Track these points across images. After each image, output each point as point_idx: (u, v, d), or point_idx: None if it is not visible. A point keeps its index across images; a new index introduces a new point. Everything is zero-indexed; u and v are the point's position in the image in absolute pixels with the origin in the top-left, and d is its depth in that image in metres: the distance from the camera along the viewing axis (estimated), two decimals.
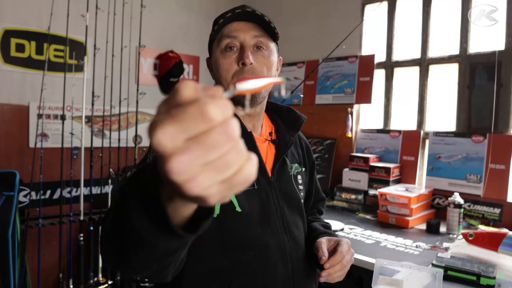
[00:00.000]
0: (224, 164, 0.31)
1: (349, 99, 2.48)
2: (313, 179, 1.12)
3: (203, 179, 0.31)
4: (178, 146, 0.30)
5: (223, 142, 0.31)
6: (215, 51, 0.91)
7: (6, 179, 1.95)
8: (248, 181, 0.33)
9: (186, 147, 0.30)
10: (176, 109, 0.31)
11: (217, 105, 0.31)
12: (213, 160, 0.31)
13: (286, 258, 0.87)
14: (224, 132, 0.31)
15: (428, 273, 1.18)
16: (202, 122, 0.30)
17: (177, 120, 0.30)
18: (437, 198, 2.06)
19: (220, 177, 0.31)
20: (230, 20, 0.89)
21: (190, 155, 0.30)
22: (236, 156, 0.32)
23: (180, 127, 0.30)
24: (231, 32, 0.88)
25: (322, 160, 2.56)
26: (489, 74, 1.95)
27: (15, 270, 1.87)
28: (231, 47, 0.88)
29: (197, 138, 0.30)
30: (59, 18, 2.11)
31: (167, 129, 0.30)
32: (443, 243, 1.60)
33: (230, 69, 0.88)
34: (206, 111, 0.30)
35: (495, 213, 1.83)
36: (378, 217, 1.96)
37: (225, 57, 0.89)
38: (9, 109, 2.27)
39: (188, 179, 0.30)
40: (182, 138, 0.30)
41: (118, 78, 2.29)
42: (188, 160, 0.30)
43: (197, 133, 0.30)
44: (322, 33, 2.69)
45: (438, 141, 2.10)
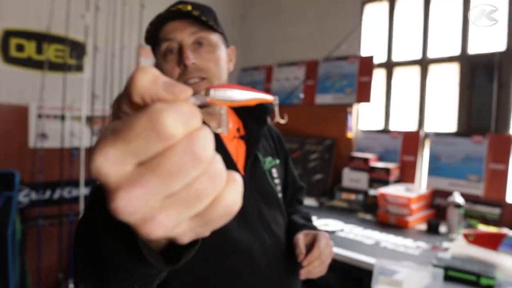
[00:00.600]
0: (194, 194, 0.23)
1: (349, 99, 2.48)
2: (288, 169, 1.09)
3: (166, 218, 0.23)
4: (127, 175, 0.22)
5: (189, 165, 0.22)
6: (157, 57, 0.86)
7: (6, 179, 1.95)
8: (232, 212, 0.25)
9: (137, 176, 0.22)
10: (121, 121, 0.23)
11: (178, 114, 0.22)
12: (178, 191, 0.23)
13: (269, 257, 0.86)
14: (190, 151, 0.22)
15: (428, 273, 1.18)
16: (157, 140, 0.21)
17: (122, 137, 0.22)
18: (437, 198, 2.06)
19: (191, 211, 0.24)
20: (164, 20, 0.83)
21: (144, 188, 0.22)
22: (209, 182, 0.23)
23: (127, 148, 0.22)
24: (167, 34, 0.83)
25: (322, 160, 2.56)
26: (489, 74, 1.95)
27: (15, 270, 1.87)
28: (171, 49, 0.83)
29: (152, 163, 0.22)
30: (59, 18, 2.11)
31: (108, 152, 0.22)
32: (443, 243, 1.60)
33: (173, 72, 0.82)
34: (159, 125, 0.21)
35: (495, 213, 1.83)
36: (378, 217, 1.96)
37: (167, 62, 0.83)
38: (9, 109, 2.27)
39: (145, 220, 0.22)
40: (131, 164, 0.22)
41: (118, 78, 2.30)
42: (142, 194, 0.22)
43: (152, 156, 0.22)
44: (322, 33, 2.69)
45: (438, 141, 2.10)
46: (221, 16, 0.97)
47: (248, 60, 3.33)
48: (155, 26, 0.83)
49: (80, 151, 2.20)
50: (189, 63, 0.80)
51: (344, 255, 1.48)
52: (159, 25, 0.83)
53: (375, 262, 1.34)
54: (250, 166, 0.90)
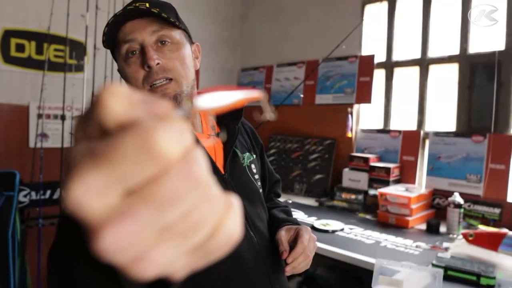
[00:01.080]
0: (191, 224, 0.20)
1: (349, 99, 2.48)
2: (264, 163, 1.07)
3: (160, 255, 0.19)
4: (112, 207, 0.18)
5: (185, 191, 0.19)
6: (119, 61, 0.81)
7: (6, 179, 1.95)
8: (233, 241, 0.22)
9: (125, 208, 0.18)
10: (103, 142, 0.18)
11: (171, 131, 0.19)
12: (173, 222, 0.19)
13: (257, 255, 0.85)
14: (187, 174, 0.19)
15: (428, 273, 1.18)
16: (149, 162, 0.18)
17: (105, 161, 0.18)
18: (437, 198, 2.06)
19: (188, 244, 0.20)
20: (122, 20, 0.78)
21: (134, 221, 0.18)
22: (208, 209, 0.20)
23: (112, 173, 0.18)
24: (127, 35, 0.78)
25: (322, 160, 2.56)
26: (489, 74, 1.95)
27: (15, 270, 1.87)
28: (132, 51, 0.78)
29: (142, 190, 0.18)
30: (59, 18, 2.11)
31: (89, 180, 0.18)
32: (443, 243, 1.60)
33: (137, 75, 0.78)
34: (153, 143, 0.18)
35: (495, 213, 1.83)
36: (378, 217, 1.96)
37: (129, 65, 0.79)
38: (9, 109, 2.27)
39: (136, 259, 0.19)
40: (117, 193, 0.18)
41: (118, 78, 2.30)
42: (132, 229, 0.18)
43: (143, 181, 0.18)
44: (322, 33, 2.69)
45: (438, 141, 2.10)
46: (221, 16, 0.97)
47: (248, 60, 3.33)
48: (113, 27, 0.78)
49: None
50: (153, 64, 0.76)
51: (344, 255, 1.48)
52: (117, 26, 0.78)
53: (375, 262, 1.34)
54: (229, 164, 0.87)
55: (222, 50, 3.32)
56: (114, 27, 0.78)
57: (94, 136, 0.20)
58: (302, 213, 2.07)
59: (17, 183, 1.98)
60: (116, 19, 0.77)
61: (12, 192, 1.93)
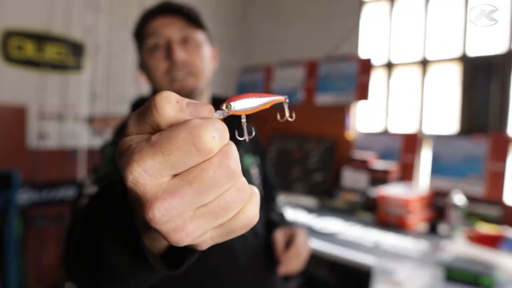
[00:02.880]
0: (223, 206, 0.25)
1: (349, 99, 2.48)
2: (265, 166, 1.09)
3: (195, 228, 0.24)
4: (163, 186, 0.23)
5: (222, 179, 0.24)
6: (143, 53, 0.85)
7: (6, 179, 1.95)
8: (252, 223, 0.27)
9: (174, 188, 0.23)
10: (159, 135, 0.23)
11: (214, 130, 0.23)
12: (209, 203, 0.24)
13: (250, 254, 0.87)
14: (225, 166, 0.24)
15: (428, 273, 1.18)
16: (196, 154, 0.23)
17: (162, 150, 0.23)
18: (437, 198, 2.06)
19: (218, 222, 0.25)
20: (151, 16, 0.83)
21: (180, 199, 0.23)
22: (237, 196, 0.25)
23: (166, 160, 0.23)
24: (154, 30, 0.82)
25: (322, 160, 2.56)
26: (489, 75, 1.95)
27: (15, 270, 1.87)
28: (158, 45, 0.82)
29: (188, 175, 0.23)
30: (59, 18, 2.11)
31: (148, 162, 0.23)
32: (443, 243, 1.60)
33: (160, 67, 0.81)
34: (201, 138, 0.23)
35: (495, 213, 1.83)
36: (378, 217, 1.96)
37: (153, 57, 0.82)
38: (9, 109, 2.27)
39: (177, 229, 0.24)
40: (167, 174, 0.23)
41: (118, 78, 2.30)
42: (178, 205, 0.23)
43: (189, 168, 0.24)
44: (322, 33, 2.69)
45: (439, 141, 2.10)
46: (221, 16, 0.98)
47: (248, 60, 3.33)
48: (144, 20, 0.83)
49: (80, 151, 2.20)
50: (177, 59, 0.80)
51: (344, 255, 1.48)
52: (147, 19, 0.83)
53: (375, 262, 1.34)
54: None
55: (222, 50, 3.31)
56: (145, 19, 0.83)
57: (148, 132, 0.25)
58: (302, 213, 2.07)
59: (17, 183, 1.97)
60: (148, 13, 0.82)
61: (12, 192, 1.93)
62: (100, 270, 0.41)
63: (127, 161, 0.23)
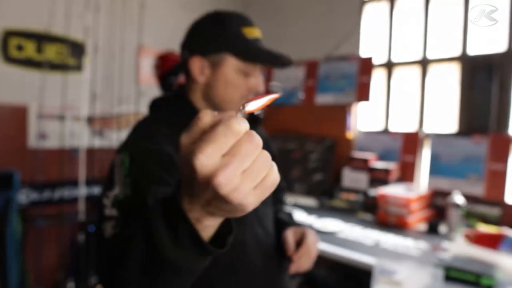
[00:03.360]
0: (256, 169, 0.36)
1: (349, 99, 2.48)
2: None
3: (244, 187, 0.35)
4: (218, 164, 0.35)
5: (252, 149, 0.36)
6: (228, 67, 0.87)
7: (6, 179, 1.95)
8: (276, 183, 0.38)
9: (226, 162, 0.35)
10: (206, 134, 0.36)
11: (239, 119, 0.36)
12: (248, 168, 0.36)
13: (262, 251, 0.89)
14: (251, 141, 0.36)
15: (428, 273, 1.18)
16: (232, 136, 0.35)
17: (211, 141, 0.35)
18: (437, 198, 2.06)
19: (255, 182, 0.36)
20: (249, 25, 0.90)
21: (231, 167, 0.35)
22: (264, 161, 0.37)
23: (216, 146, 0.35)
24: (260, 62, 0.89)
25: (322, 160, 2.56)
26: (489, 74, 1.95)
27: (15, 270, 1.87)
28: (250, 73, 0.88)
29: (231, 152, 0.35)
30: (59, 18, 2.11)
31: (206, 151, 0.34)
32: (443, 243, 1.60)
33: (243, 93, 0.88)
34: (232, 126, 0.35)
35: (495, 213, 1.83)
36: (378, 217, 1.96)
37: (241, 80, 0.88)
38: (9, 109, 2.27)
39: (233, 189, 0.35)
40: (219, 156, 0.35)
41: (118, 78, 2.30)
42: (231, 171, 0.34)
43: (230, 147, 0.35)
44: (322, 33, 2.69)
45: (438, 141, 2.10)
46: None
47: None
48: (242, 26, 0.88)
49: (80, 151, 2.20)
50: (259, 92, 0.90)
51: (344, 255, 1.48)
52: (244, 27, 0.89)
53: (375, 262, 1.34)
54: None
55: None
56: (242, 24, 0.89)
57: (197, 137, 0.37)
58: (302, 213, 2.07)
59: (17, 183, 1.98)
60: (246, 20, 0.91)
61: (12, 192, 1.93)
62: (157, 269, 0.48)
63: (193, 154, 0.35)
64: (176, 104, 0.90)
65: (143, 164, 0.74)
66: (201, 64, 0.87)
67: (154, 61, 2.33)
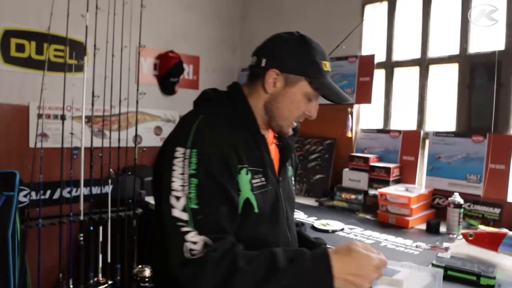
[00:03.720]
0: (379, 274, 0.76)
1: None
2: (295, 177, 1.23)
3: (372, 279, 0.75)
4: (376, 270, 0.75)
5: (377, 268, 0.75)
6: (299, 88, 0.94)
7: (6, 179, 1.95)
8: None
9: (376, 274, 0.75)
10: (377, 269, 0.76)
11: (376, 258, 0.76)
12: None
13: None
14: (384, 263, 0.77)
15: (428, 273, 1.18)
16: (382, 263, 0.76)
17: (378, 267, 0.76)
18: (437, 198, 2.06)
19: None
20: (326, 61, 0.99)
21: (377, 274, 0.75)
22: (379, 270, 0.76)
23: (379, 267, 0.76)
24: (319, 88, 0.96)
25: (322, 160, 2.56)
26: (489, 74, 1.95)
27: (15, 270, 1.87)
28: (312, 99, 0.97)
29: (379, 267, 0.75)
30: (59, 18, 2.11)
31: (379, 272, 0.76)
32: (443, 243, 1.60)
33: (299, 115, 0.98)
34: (383, 260, 0.77)
35: (495, 213, 1.83)
36: (378, 217, 1.96)
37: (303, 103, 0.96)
38: (9, 109, 2.27)
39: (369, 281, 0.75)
40: (378, 273, 0.76)
41: (118, 78, 2.29)
42: (377, 276, 0.75)
43: (379, 266, 0.75)
44: (322, 33, 2.67)
45: (438, 141, 2.10)
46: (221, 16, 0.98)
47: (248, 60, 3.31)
48: (322, 60, 0.97)
49: (80, 151, 2.20)
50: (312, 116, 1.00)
51: None
52: (322, 61, 0.97)
53: None
54: (282, 171, 1.03)
55: (222, 50, 3.32)
56: (322, 59, 0.97)
57: (373, 269, 0.78)
58: (302, 213, 2.07)
59: (17, 183, 1.97)
60: (325, 55, 1.00)
61: (12, 192, 1.93)
62: None
63: (375, 272, 0.76)
64: (235, 104, 0.95)
65: (211, 171, 0.80)
66: (276, 78, 0.93)
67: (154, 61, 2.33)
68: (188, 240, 0.75)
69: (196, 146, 0.82)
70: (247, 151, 0.90)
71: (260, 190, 0.91)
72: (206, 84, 3.19)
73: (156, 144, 2.92)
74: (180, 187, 0.79)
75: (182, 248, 0.75)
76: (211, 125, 0.87)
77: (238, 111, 0.94)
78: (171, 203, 0.79)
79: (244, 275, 0.70)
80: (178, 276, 0.75)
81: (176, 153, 0.82)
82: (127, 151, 2.40)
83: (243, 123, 0.93)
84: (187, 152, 0.81)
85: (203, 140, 0.83)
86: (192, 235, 0.76)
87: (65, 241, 2.22)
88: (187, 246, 0.75)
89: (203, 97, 1.00)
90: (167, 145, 0.88)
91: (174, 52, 2.87)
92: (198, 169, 0.80)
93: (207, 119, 0.88)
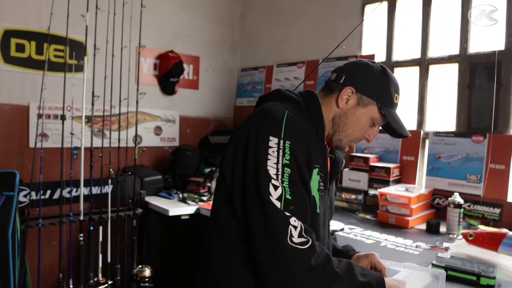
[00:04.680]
0: None
1: None
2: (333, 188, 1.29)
3: None
4: None
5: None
6: (368, 111, 1.01)
7: (6, 179, 1.95)
8: None
9: None
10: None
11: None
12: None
13: None
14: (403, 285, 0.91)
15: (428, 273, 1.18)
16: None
17: None
18: (437, 198, 2.06)
19: None
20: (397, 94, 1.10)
21: None
22: None
23: None
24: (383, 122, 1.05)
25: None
26: (489, 74, 1.95)
27: (15, 270, 1.87)
28: (375, 125, 1.05)
29: None
30: (59, 18, 2.11)
31: None
32: (443, 243, 1.60)
33: (360, 136, 1.04)
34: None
35: (495, 213, 1.83)
36: (378, 217, 1.96)
37: (367, 126, 1.03)
38: (9, 109, 2.27)
39: None
40: None
41: (118, 78, 2.29)
42: None
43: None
44: (322, 33, 2.69)
45: (438, 141, 2.10)
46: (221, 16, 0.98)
47: (248, 60, 3.33)
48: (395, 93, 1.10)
49: (80, 151, 2.20)
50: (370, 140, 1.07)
51: None
52: (396, 94, 1.09)
53: None
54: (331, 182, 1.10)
55: (222, 50, 3.32)
56: (396, 92, 1.10)
57: None
58: None
59: (17, 183, 1.97)
60: (396, 108, 1.11)
61: (12, 192, 1.93)
62: None
63: None
64: (310, 110, 1.00)
65: (299, 164, 0.86)
66: (350, 95, 1.00)
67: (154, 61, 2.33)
68: (291, 223, 0.80)
69: (289, 138, 0.86)
70: (318, 155, 0.95)
71: (322, 193, 0.97)
72: (206, 84, 3.20)
73: (156, 144, 2.92)
74: (275, 176, 0.83)
75: (287, 229, 0.79)
76: (297, 121, 0.91)
77: (312, 117, 0.99)
78: (270, 190, 0.82)
79: (343, 285, 0.81)
80: (286, 257, 0.78)
81: (270, 142, 0.86)
82: (127, 151, 2.40)
83: (314, 129, 0.98)
84: (281, 143, 0.85)
85: (293, 134, 0.87)
86: (294, 219, 0.81)
87: (65, 241, 2.22)
88: (291, 228, 0.80)
89: (278, 93, 1.03)
90: (252, 130, 0.90)
91: (174, 52, 2.87)
92: (290, 160, 0.85)
93: (291, 115, 0.91)
